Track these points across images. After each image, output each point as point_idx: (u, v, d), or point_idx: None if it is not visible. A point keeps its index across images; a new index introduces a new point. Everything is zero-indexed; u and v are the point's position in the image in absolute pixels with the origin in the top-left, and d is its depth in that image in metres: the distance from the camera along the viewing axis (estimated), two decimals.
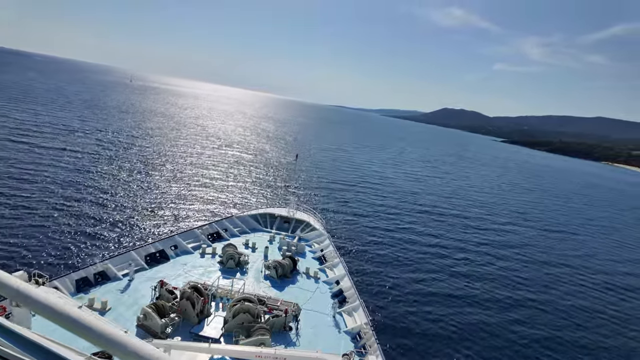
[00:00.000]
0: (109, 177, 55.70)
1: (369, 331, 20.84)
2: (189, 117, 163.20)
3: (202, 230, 31.48)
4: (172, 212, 46.63)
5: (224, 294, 22.20)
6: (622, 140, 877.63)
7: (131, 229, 39.72)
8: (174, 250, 27.79)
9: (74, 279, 21.25)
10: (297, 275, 27.40)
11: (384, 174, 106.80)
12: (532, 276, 48.35)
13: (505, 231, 68.29)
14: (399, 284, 38.46)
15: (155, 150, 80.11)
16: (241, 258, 27.21)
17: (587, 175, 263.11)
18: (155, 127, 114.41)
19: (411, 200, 79.78)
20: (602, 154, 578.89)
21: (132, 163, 66.05)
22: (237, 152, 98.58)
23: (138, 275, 23.79)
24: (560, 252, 62.41)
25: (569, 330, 35.99)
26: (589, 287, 48.72)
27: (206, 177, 66.76)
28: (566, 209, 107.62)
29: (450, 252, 51.03)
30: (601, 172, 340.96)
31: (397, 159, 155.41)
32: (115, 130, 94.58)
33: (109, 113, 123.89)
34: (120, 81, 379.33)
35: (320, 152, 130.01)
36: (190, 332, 18.85)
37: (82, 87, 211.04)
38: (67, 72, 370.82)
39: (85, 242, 35.14)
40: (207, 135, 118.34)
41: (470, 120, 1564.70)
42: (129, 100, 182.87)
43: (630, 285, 52.26)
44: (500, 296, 40.40)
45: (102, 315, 18.67)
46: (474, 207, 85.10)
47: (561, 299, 42.85)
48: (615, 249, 71.24)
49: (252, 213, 38.00)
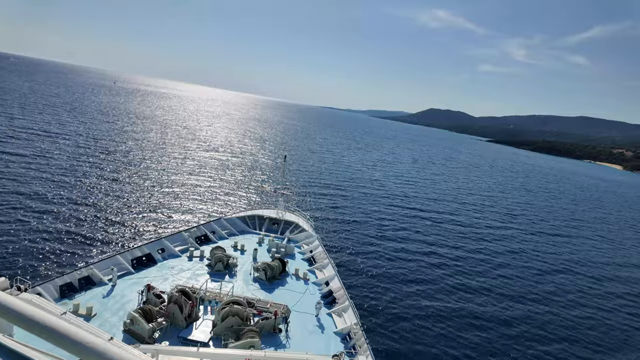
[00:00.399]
0: (93, 181, 54.76)
1: (358, 331, 20.82)
2: (174, 120, 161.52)
3: (189, 233, 31.10)
4: (159, 215, 46.04)
5: (212, 297, 21.94)
6: (604, 138, 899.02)
7: (117, 233, 39.09)
8: (161, 254, 27.38)
9: (57, 284, 20.76)
10: (286, 277, 27.25)
11: (372, 175, 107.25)
12: (521, 273, 49.01)
13: (492, 227, 69.12)
14: (389, 284, 38.61)
15: (140, 154, 79.08)
16: (230, 260, 26.95)
17: (574, 175, 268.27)
18: (139, 130, 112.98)
19: (399, 200, 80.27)
20: (584, 152, 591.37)
21: (117, 166, 65.06)
22: (225, 154, 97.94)
23: (124, 280, 23.38)
24: (548, 248, 63.45)
25: (556, 326, 36.60)
26: (580, 285, 49.63)
27: (193, 179, 66.14)
28: (552, 208, 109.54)
29: (439, 251, 51.46)
30: (587, 170, 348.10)
31: (385, 159, 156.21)
32: (96, 134, 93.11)
33: (91, 116, 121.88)
34: (103, 83, 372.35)
35: (308, 153, 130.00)
36: (179, 336, 18.58)
37: (61, 90, 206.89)
38: (45, 73, 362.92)
39: (69, 247, 34.43)
40: (193, 138, 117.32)
41: (456, 120, 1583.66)
42: (111, 102, 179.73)
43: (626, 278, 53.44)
44: (489, 294, 40.88)
45: (88, 321, 18.27)
46: (461, 206, 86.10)
47: (549, 294, 43.58)
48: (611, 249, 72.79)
49: (240, 215, 37.69)
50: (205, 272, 26.16)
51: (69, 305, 19.26)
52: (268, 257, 29.49)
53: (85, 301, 20.02)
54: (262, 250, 31.04)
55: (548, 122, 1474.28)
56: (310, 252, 32.29)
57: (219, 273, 26.07)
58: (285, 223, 37.74)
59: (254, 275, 26.50)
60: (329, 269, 29.07)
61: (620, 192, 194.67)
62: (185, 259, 27.76)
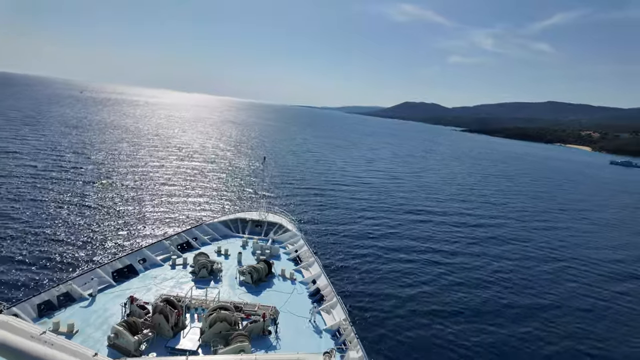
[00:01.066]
0: (66, 193, 53.01)
1: (348, 327, 20.89)
2: (146, 127, 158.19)
3: (171, 241, 30.48)
4: (138, 225, 45.01)
5: (198, 305, 21.59)
6: (571, 121, 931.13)
7: (95, 246, 37.98)
8: (142, 264, 26.74)
9: (35, 303, 19.99)
10: (273, 279, 27.08)
11: (352, 170, 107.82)
12: (509, 265, 50.09)
13: (475, 216, 70.61)
14: (375, 278, 38.95)
15: (113, 164, 77.09)
16: (214, 266, 26.55)
17: (549, 160, 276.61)
18: (110, 139, 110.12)
19: (381, 194, 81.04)
20: (554, 136, 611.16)
21: (90, 178, 63.17)
22: (202, 160, 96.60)
23: (106, 293, 22.74)
24: (532, 235, 65.27)
25: (543, 313, 37.69)
26: (570, 273, 51.21)
27: (171, 187, 64.94)
28: (536, 194, 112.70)
29: (423, 244, 52.23)
30: (559, 154, 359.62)
31: (364, 155, 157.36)
32: (64, 146, 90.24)
33: (56, 129, 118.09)
34: (69, 93, 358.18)
35: (287, 153, 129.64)
36: (166, 346, 18.21)
37: (21, 103, 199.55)
38: (4, 87, 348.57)
39: (45, 263, 33.24)
40: (167, 145, 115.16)
41: (431, 112, 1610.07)
42: (78, 114, 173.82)
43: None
44: (477, 286, 41.13)
45: (70, 338, 17.67)
46: (444, 197, 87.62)
47: (531, 281, 44.84)
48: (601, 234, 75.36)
49: (222, 219, 37.21)
50: (190, 279, 25.72)
51: (49, 324, 18.57)
52: (253, 260, 29.22)
53: (66, 318, 19.35)
54: (246, 254, 30.74)
55: (518, 109, 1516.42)
56: (295, 252, 32.19)
57: (204, 279, 25.67)
58: (268, 224, 37.48)
59: (239, 279, 26.21)
60: (315, 267, 29.04)
61: (601, 174, 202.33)
62: (168, 268, 27.21)
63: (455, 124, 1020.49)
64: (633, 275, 50.25)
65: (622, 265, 53.28)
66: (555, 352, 30.21)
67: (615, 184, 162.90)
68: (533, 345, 30.64)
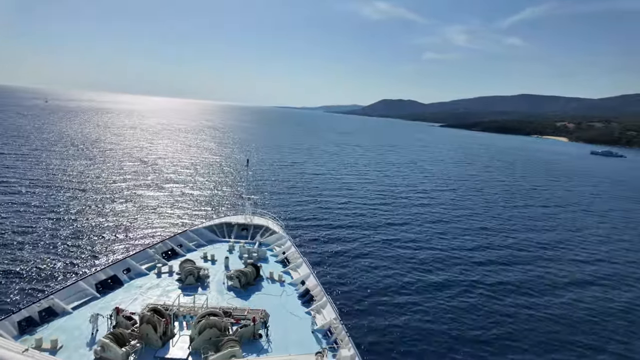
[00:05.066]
0: (44, 204, 51.42)
1: (339, 325, 20.90)
2: (119, 134, 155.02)
3: (155, 249, 29.90)
4: (121, 235, 44.03)
5: (186, 312, 21.24)
6: (544, 113, 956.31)
7: (76, 258, 36.95)
8: (127, 274, 26.14)
9: (15, 320, 19.29)
10: (261, 282, 26.87)
11: (336, 169, 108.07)
12: (504, 261, 49.33)
13: (465, 209, 71.64)
14: (364, 276, 39.11)
15: (92, 172, 75.21)
16: (201, 272, 26.15)
17: (531, 152, 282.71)
18: (85, 147, 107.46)
19: (366, 191, 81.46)
20: (531, 128, 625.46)
21: (68, 188, 61.45)
22: (183, 165, 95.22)
23: (90, 306, 22.12)
24: (515, 223, 66.62)
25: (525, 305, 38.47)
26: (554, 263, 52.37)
27: (153, 194, 63.78)
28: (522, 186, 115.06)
29: (411, 240, 52.65)
30: (541, 146, 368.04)
31: (346, 153, 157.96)
32: (38, 159, 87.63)
33: (23, 141, 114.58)
34: (31, 103, 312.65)
35: (270, 154, 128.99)
36: (155, 356, 17.85)
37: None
38: None
39: (24, 279, 32.16)
40: (146, 152, 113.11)
41: (409, 109, 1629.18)
42: (44, 124, 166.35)
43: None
44: (469, 283, 40.65)
45: (54, 354, 17.12)
46: (434, 193, 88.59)
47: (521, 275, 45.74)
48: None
49: (207, 225, 36.71)
50: (176, 287, 25.28)
51: (31, 340, 17.94)
52: (241, 264, 28.94)
53: (49, 334, 18.74)
54: (233, 258, 30.42)
55: (494, 103, 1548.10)
56: (283, 254, 32.03)
57: (191, 286, 25.27)
58: (254, 227, 37.16)
59: (227, 284, 25.92)
60: (303, 267, 28.97)
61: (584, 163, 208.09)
62: (153, 277, 26.69)
63: (433, 120, 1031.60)
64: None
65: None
66: (555, 351, 30.35)
67: (601, 174, 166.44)
68: (529, 341, 30.98)
